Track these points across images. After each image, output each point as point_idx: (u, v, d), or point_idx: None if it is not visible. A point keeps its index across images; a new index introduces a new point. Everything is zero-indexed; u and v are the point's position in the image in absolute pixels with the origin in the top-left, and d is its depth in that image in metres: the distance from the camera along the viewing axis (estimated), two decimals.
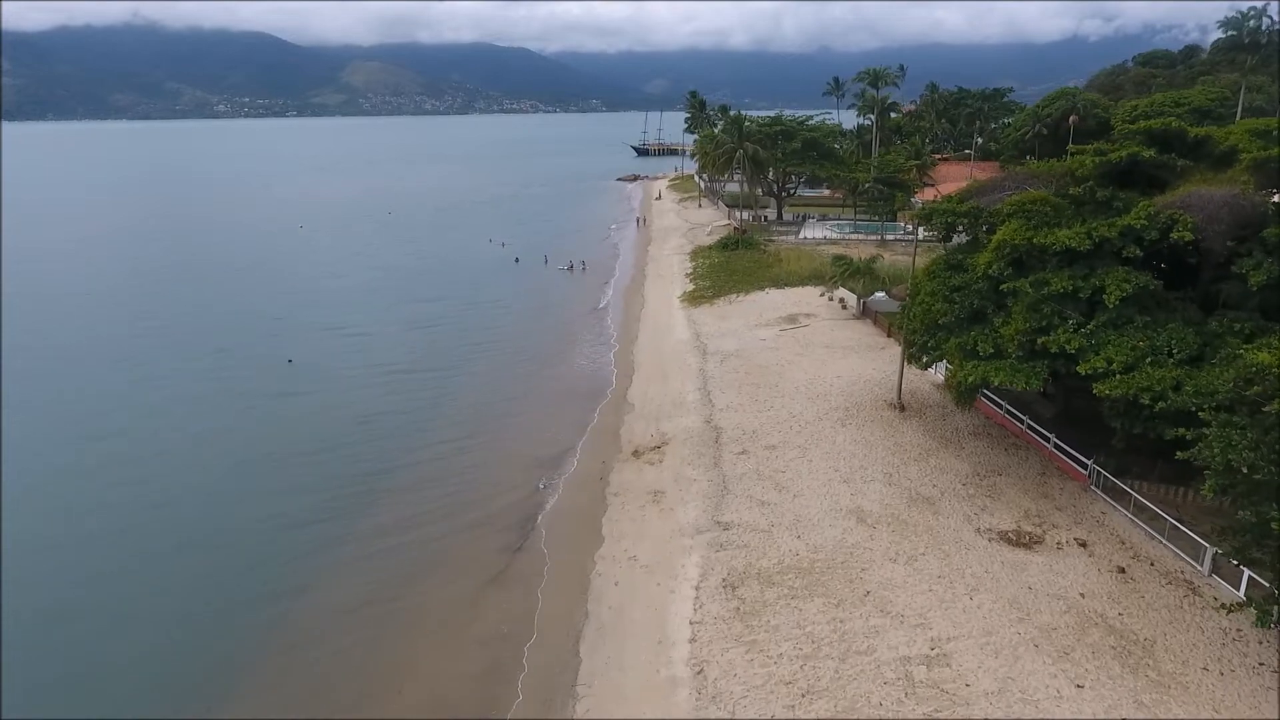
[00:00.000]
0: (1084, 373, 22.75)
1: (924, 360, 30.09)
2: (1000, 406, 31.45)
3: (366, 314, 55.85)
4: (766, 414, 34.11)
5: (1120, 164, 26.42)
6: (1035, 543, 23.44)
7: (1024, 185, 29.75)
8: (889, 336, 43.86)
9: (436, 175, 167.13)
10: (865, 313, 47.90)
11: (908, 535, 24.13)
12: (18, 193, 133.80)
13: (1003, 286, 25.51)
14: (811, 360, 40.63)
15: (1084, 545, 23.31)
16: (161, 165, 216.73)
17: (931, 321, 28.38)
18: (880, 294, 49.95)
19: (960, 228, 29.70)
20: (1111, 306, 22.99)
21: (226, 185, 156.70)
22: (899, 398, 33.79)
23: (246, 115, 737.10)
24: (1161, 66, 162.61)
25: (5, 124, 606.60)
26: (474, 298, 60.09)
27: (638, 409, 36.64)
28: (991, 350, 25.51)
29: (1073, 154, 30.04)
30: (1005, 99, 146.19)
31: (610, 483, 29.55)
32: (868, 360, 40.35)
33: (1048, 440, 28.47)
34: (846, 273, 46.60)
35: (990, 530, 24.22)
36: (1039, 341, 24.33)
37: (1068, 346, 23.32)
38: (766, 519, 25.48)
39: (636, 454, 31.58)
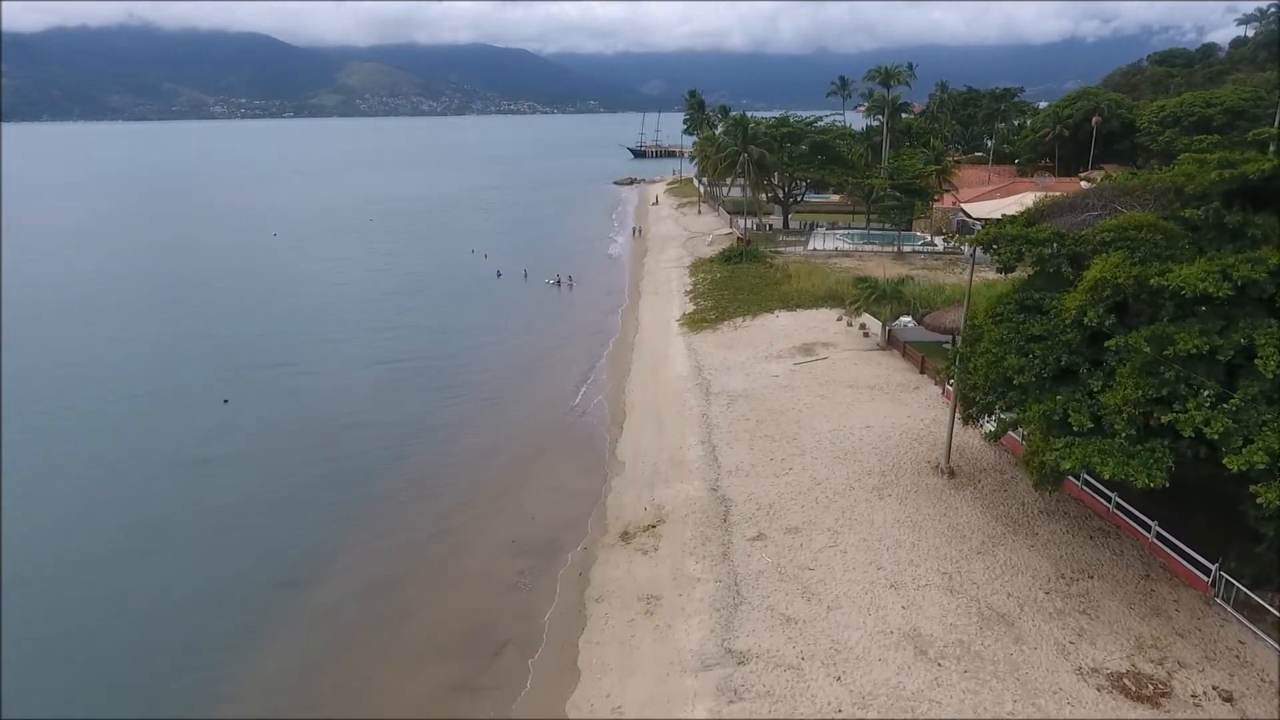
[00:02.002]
0: (1235, 469, 16.59)
1: (992, 430, 23.85)
2: (1077, 475, 25.31)
3: (321, 346, 48.29)
4: (785, 479, 27.95)
5: (1256, 179, 20.27)
6: (1162, 695, 17.30)
7: (1113, 204, 23.64)
8: (922, 373, 37.75)
9: (426, 178, 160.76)
10: (891, 342, 41.76)
11: (985, 678, 17.98)
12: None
13: (1110, 344, 19.33)
14: (834, 404, 34.47)
15: (1229, 700, 17.18)
16: (141, 166, 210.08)
17: (1000, 378, 22.22)
18: (906, 318, 43.81)
19: (1032, 257, 23.45)
20: (1271, 375, 16.83)
21: (207, 188, 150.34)
22: (947, 460, 27.64)
23: (243, 116, 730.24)
24: (1179, 66, 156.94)
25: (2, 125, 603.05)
26: (446, 323, 52.92)
27: (628, 469, 30.45)
28: (1089, 424, 19.35)
29: (1178, 161, 23.83)
30: (1016, 99, 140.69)
31: (592, 580, 23.35)
32: (900, 404, 34.21)
33: (1148, 529, 22.36)
34: (871, 297, 40.42)
35: (1096, 671, 18.07)
36: (1159, 417, 18.21)
37: (1206, 429, 17.18)
38: (794, 647, 19.30)
39: (626, 536, 25.39)
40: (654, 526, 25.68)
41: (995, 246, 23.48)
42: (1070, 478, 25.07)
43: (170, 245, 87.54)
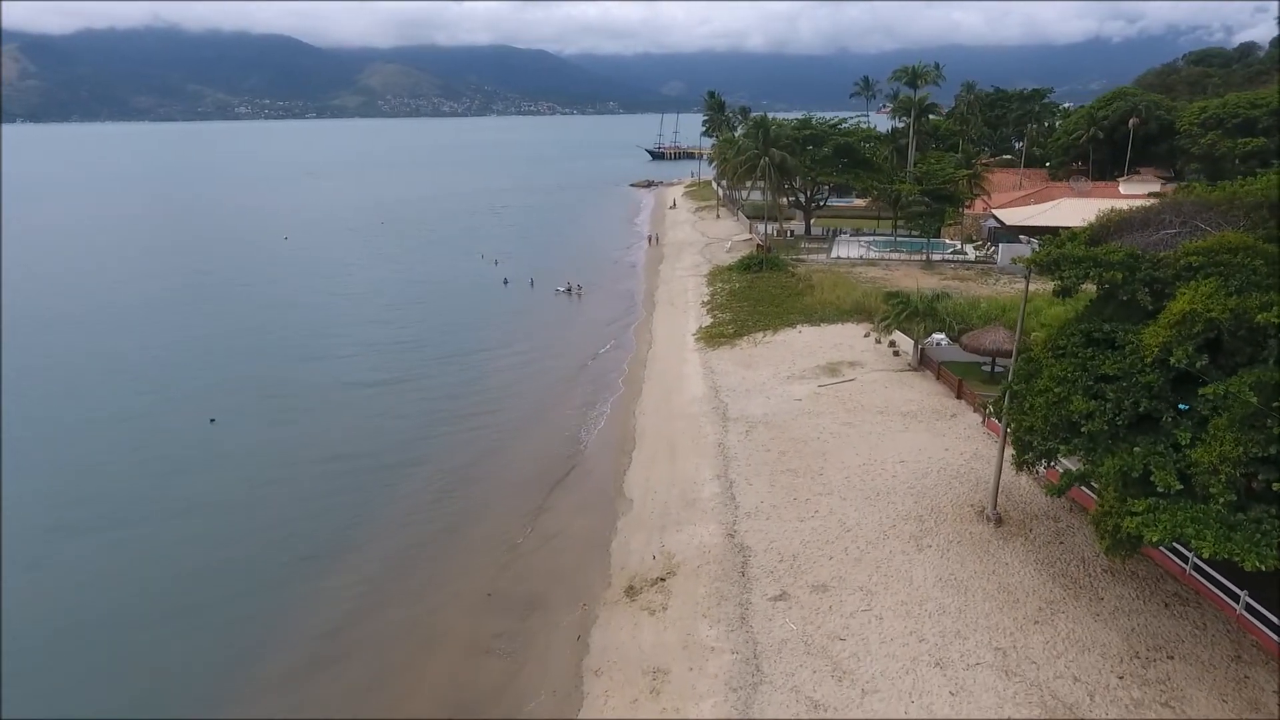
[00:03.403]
0: None
1: (1054, 485, 20.78)
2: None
3: (314, 366, 44.76)
4: (810, 523, 25.07)
5: None
6: None
7: (1193, 220, 20.55)
8: (959, 398, 34.65)
9: (441, 180, 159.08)
10: (924, 362, 38.67)
11: None
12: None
13: (1205, 391, 16.31)
14: (863, 433, 31.49)
15: None
16: (163, 168, 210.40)
17: (1063, 421, 19.23)
18: (940, 336, 40.70)
19: (1102, 282, 20.30)
20: None
21: (225, 190, 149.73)
22: (994, 506, 24.61)
23: (266, 117, 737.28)
24: (1216, 65, 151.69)
25: (29, 126, 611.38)
26: (446, 339, 49.45)
27: (636, 507, 27.68)
28: (1178, 484, 16.34)
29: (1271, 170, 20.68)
30: (1045, 99, 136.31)
31: (591, 645, 20.61)
32: (936, 434, 31.16)
33: (1236, 598, 19.25)
34: (903, 314, 37.35)
35: None
36: (1267, 481, 15.18)
37: None
38: None
39: (631, 591, 22.62)
40: (663, 580, 22.90)
41: (1059, 269, 20.40)
42: None
43: (180, 249, 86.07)
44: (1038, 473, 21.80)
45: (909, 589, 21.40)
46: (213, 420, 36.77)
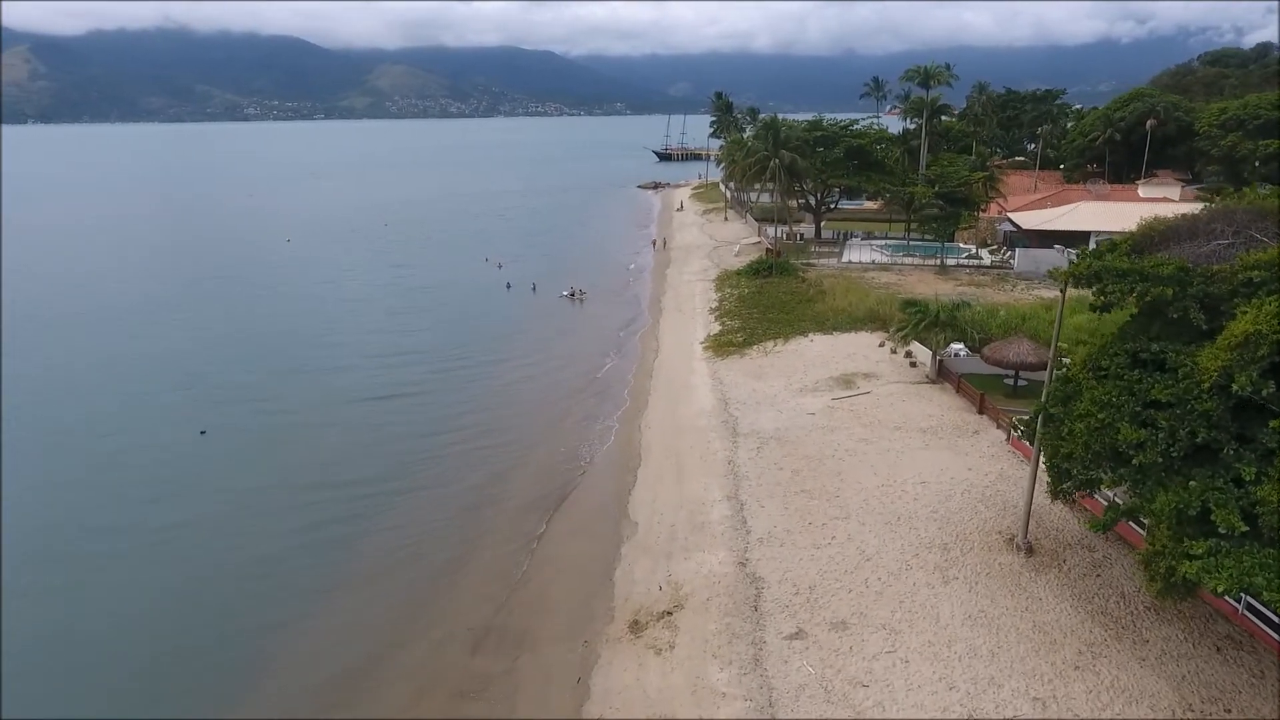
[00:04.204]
0: None
1: (1100, 517, 19.13)
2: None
3: (309, 379, 42.60)
4: (826, 551, 23.50)
5: None
6: None
7: (1248, 230, 18.91)
8: (981, 413, 32.99)
9: (447, 181, 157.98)
10: (942, 374, 37.02)
11: None
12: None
13: (1276, 424, 14.68)
14: (880, 451, 29.90)
15: None
16: (170, 168, 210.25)
17: (1107, 449, 17.63)
18: (958, 346, 39.09)
19: (1143, 295, 18.65)
20: None
21: (230, 191, 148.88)
22: (1024, 534, 22.98)
23: (275, 118, 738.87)
24: (1233, 66, 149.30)
25: (40, 126, 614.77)
26: (447, 349, 47.36)
27: (642, 531, 26.15)
28: (1243, 525, 14.72)
29: None
30: (1058, 100, 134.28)
31: (593, 689, 19.08)
32: (958, 452, 29.54)
33: None
34: (921, 324, 35.71)
35: None
36: None
37: None
38: None
39: (636, 627, 21.09)
40: (670, 614, 21.36)
41: (1100, 283, 18.77)
42: None
43: (180, 251, 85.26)
44: (1075, 502, 20.16)
45: (936, 627, 19.82)
46: (203, 432, 35.46)
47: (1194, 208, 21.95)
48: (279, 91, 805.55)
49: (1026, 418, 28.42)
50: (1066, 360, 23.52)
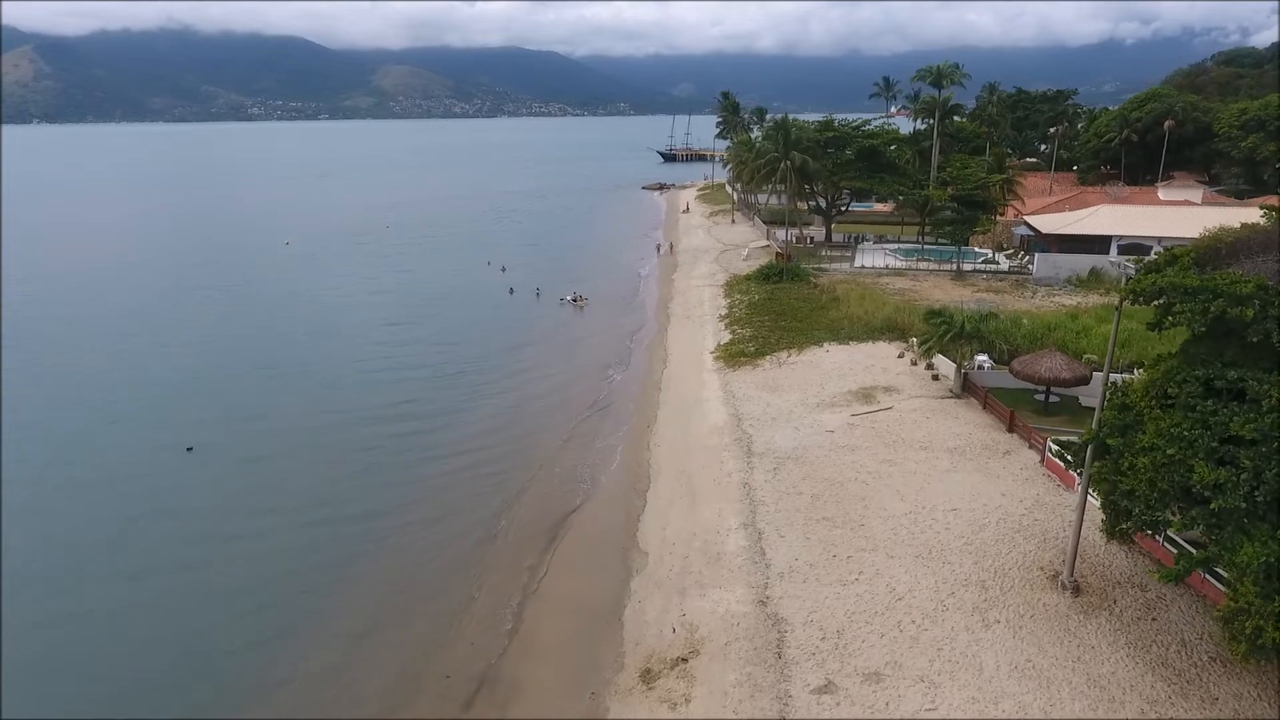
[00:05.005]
0: None
1: (1171, 568, 17.20)
2: None
3: (301, 395, 40.21)
4: (854, 588, 21.65)
5: None
6: None
7: None
8: (1011, 431, 31.10)
9: (450, 182, 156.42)
10: (967, 388, 35.13)
11: None
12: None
13: None
14: (906, 473, 28.04)
15: None
16: (173, 169, 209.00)
17: (1177, 488, 15.77)
18: (983, 358, 37.21)
19: (1210, 314, 16.72)
20: None
21: (231, 192, 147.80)
22: (1070, 573, 21.10)
23: (279, 118, 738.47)
24: (1248, 66, 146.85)
25: (45, 126, 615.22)
26: (446, 362, 45.01)
27: (652, 562, 24.32)
28: None
29: None
30: (1070, 101, 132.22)
31: None
32: (989, 475, 27.68)
33: None
34: (946, 336, 33.81)
35: None
36: None
37: None
38: None
39: (648, 676, 19.25)
40: (685, 660, 19.53)
41: (1165, 300, 16.90)
42: None
43: (175, 254, 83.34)
44: (1131, 540, 18.33)
45: (979, 680, 17.97)
46: (190, 449, 33.70)
47: (1240, 214, 20.12)
48: (283, 91, 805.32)
49: (1066, 439, 26.66)
50: (1119, 378, 21.59)
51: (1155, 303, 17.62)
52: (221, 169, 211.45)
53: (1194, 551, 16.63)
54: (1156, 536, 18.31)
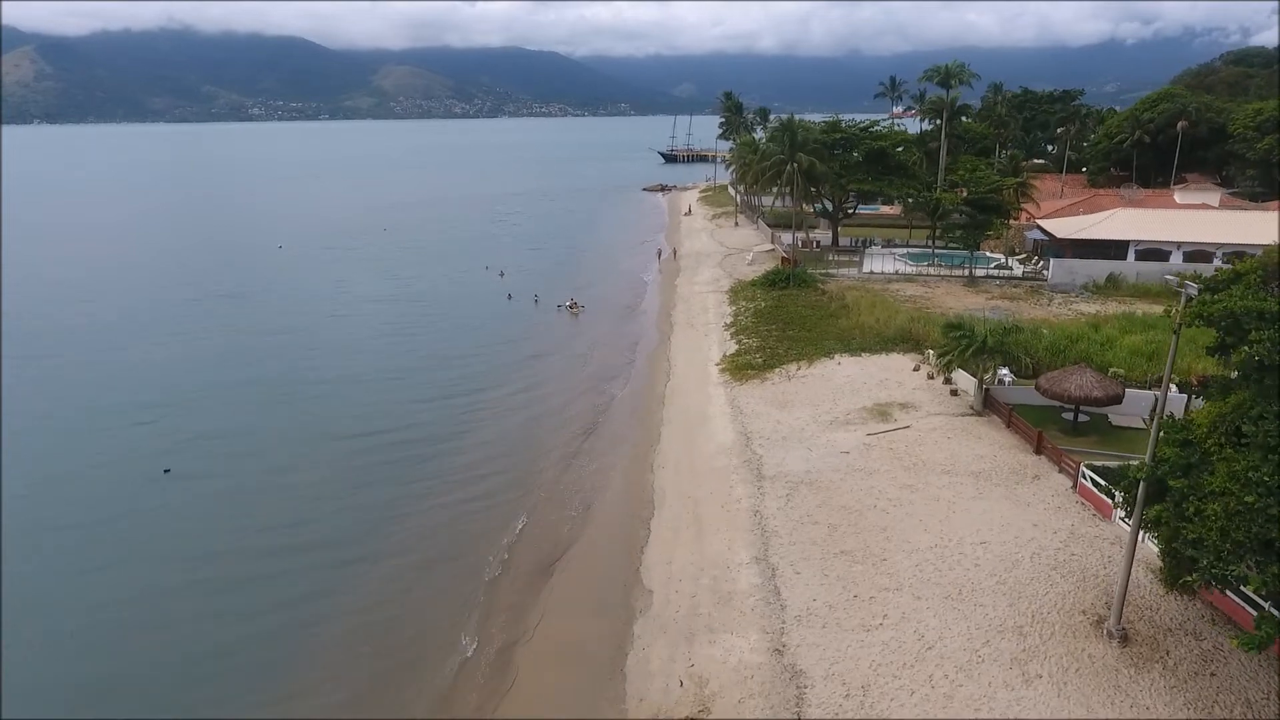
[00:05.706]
0: None
1: (1251, 634, 15.22)
2: None
3: (286, 412, 38.35)
4: (878, 635, 19.78)
5: None
6: None
7: None
8: (1038, 453, 29.20)
9: (449, 184, 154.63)
10: (989, 405, 33.25)
11: None
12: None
13: None
14: (929, 500, 26.16)
15: None
16: (171, 170, 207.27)
17: (1254, 537, 13.90)
18: (1004, 371, 35.34)
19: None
20: None
21: (227, 194, 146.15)
22: (1118, 621, 19.21)
23: (280, 118, 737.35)
24: (1258, 65, 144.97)
25: (46, 127, 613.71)
26: (441, 374, 43.29)
27: (658, 602, 22.43)
28: None
29: None
30: (1077, 102, 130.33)
31: None
32: (1018, 503, 25.79)
33: None
34: (968, 351, 31.90)
35: None
36: None
37: None
38: None
39: None
40: None
41: (1240, 327, 15.02)
42: None
43: (166, 257, 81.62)
44: (1198, 596, 16.47)
45: None
46: (167, 470, 31.82)
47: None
48: (284, 92, 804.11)
49: (1104, 465, 24.80)
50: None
51: (1222, 325, 15.73)
52: (221, 169, 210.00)
53: (1277, 614, 14.75)
54: (1226, 591, 16.48)
